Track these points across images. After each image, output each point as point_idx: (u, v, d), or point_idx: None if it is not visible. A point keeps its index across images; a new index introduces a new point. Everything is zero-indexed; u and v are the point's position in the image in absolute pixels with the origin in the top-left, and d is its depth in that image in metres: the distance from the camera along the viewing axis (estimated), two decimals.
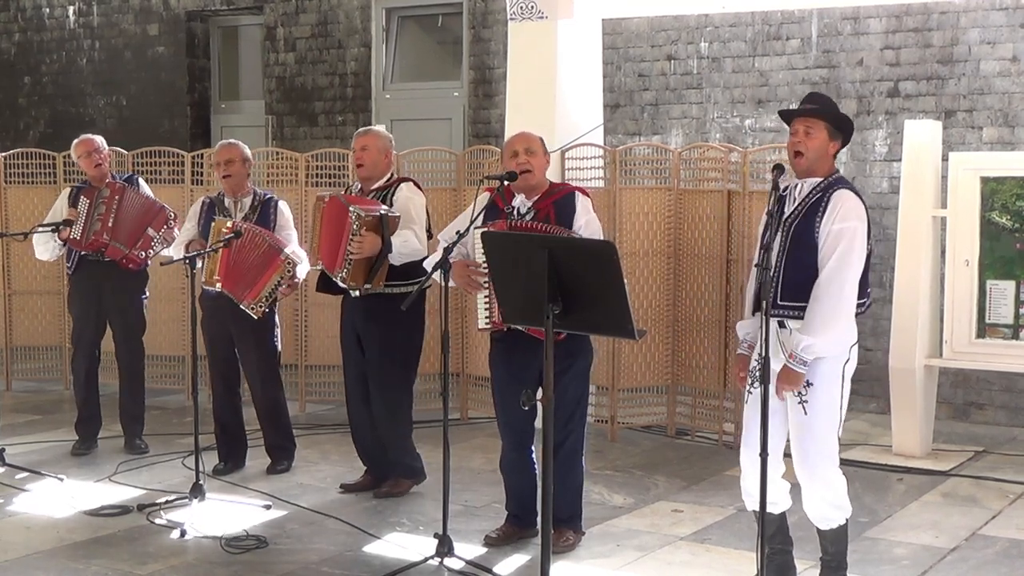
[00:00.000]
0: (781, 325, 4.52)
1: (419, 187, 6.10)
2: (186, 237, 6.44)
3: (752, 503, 4.62)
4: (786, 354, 4.48)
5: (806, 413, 4.50)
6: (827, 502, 4.60)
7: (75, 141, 7.01)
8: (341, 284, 5.85)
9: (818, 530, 4.72)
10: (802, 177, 4.58)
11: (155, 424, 7.51)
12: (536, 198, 5.23)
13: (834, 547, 4.72)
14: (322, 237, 5.88)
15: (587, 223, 5.18)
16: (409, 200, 5.93)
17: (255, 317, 6.23)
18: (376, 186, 6.00)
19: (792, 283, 4.47)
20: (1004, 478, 6.58)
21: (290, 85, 10.92)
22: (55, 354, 9.12)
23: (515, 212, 5.23)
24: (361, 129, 6.18)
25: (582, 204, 5.22)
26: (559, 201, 5.20)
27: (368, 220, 5.70)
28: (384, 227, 5.74)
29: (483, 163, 7.94)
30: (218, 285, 6.17)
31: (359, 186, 6.09)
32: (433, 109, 10.29)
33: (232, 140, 6.58)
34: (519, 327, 4.95)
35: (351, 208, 5.72)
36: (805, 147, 4.52)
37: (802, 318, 4.45)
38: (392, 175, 6.12)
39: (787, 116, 4.66)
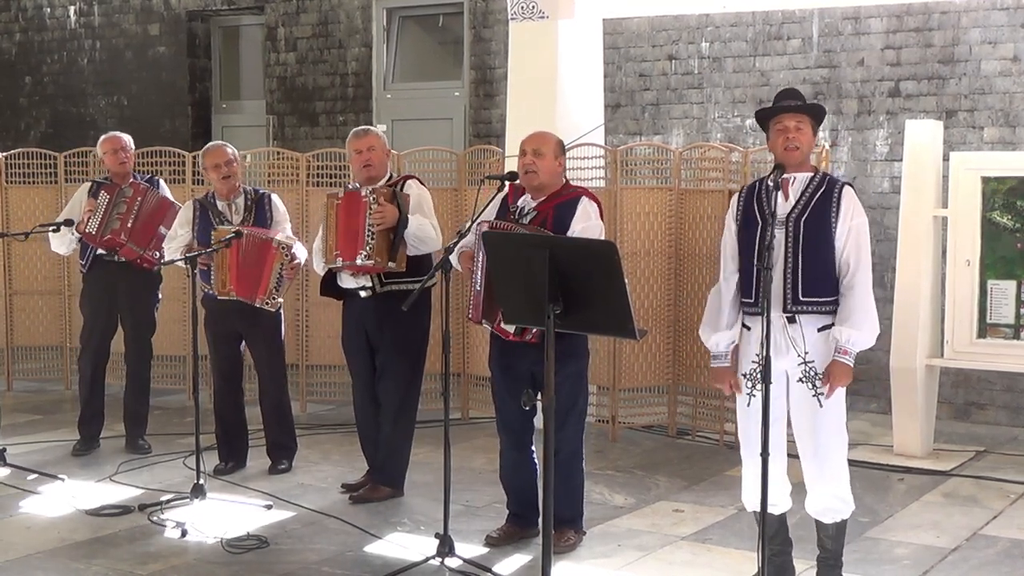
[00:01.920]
0: (791, 321, 4.54)
1: (423, 184, 6.14)
2: (180, 243, 6.39)
3: (753, 505, 4.63)
4: (801, 351, 4.51)
5: (821, 405, 4.52)
6: (836, 496, 4.63)
7: (102, 137, 7.02)
8: (366, 263, 5.73)
9: (819, 525, 4.72)
10: (795, 171, 4.60)
11: (156, 424, 7.51)
12: (541, 200, 5.20)
13: (834, 544, 4.73)
14: (339, 230, 5.82)
15: (583, 230, 5.09)
16: (420, 196, 5.95)
17: (273, 310, 6.24)
18: (379, 185, 5.98)
19: (812, 279, 4.50)
20: (1005, 478, 6.58)
21: (291, 85, 10.92)
22: (56, 354, 9.12)
23: (517, 212, 5.21)
24: (359, 130, 6.11)
25: (583, 209, 5.15)
26: (562, 204, 5.15)
27: (384, 192, 5.77)
28: (399, 200, 5.78)
29: (484, 163, 7.94)
30: (233, 294, 6.17)
31: (357, 186, 6.06)
32: (434, 109, 10.29)
33: (221, 141, 6.61)
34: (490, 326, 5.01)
35: (363, 190, 5.80)
36: (799, 142, 4.57)
37: (819, 312, 4.51)
38: (392, 174, 6.12)
39: (772, 113, 4.65)
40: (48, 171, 8.99)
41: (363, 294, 5.93)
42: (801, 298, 4.51)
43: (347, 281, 5.98)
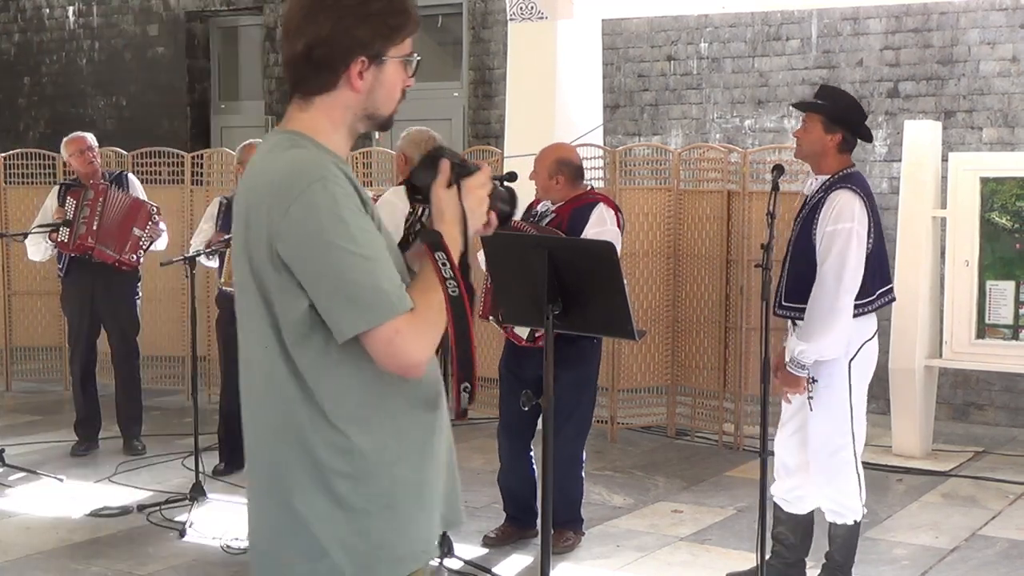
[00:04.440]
0: (793, 324, 4.56)
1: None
2: (203, 238, 6.41)
3: (782, 503, 4.71)
4: (792, 353, 4.50)
5: (811, 410, 4.51)
6: (830, 499, 4.61)
7: (65, 139, 6.96)
8: None
9: (828, 526, 4.71)
10: (816, 173, 4.59)
11: (155, 425, 7.51)
12: (560, 204, 5.25)
13: (840, 552, 4.66)
14: None
15: (596, 235, 5.07)
16: (384, 203, 5.85)
17: None
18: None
19: (795, 284, 4.48)
20: (1004, 478, 6.58)
21: None
22: (55, 354, 9.11)
23: (537, 215, 5.28)
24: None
25: (599, 215, 5.17)
26: (577, 209, 5.20)
27: None
28: None
29: (483, 164, 7.93)
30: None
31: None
32: (433, 110, 10.27)
33: (257, 140, 6.61)
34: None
35: None
36: (800, 140, 4.60)
37: (802, 319, 4.47)
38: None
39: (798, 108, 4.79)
40: (47, 171, 8.99)
41: None
42: (783, 303, 4.52)
43: None
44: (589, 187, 5.37)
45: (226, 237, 6.10)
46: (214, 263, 6.31)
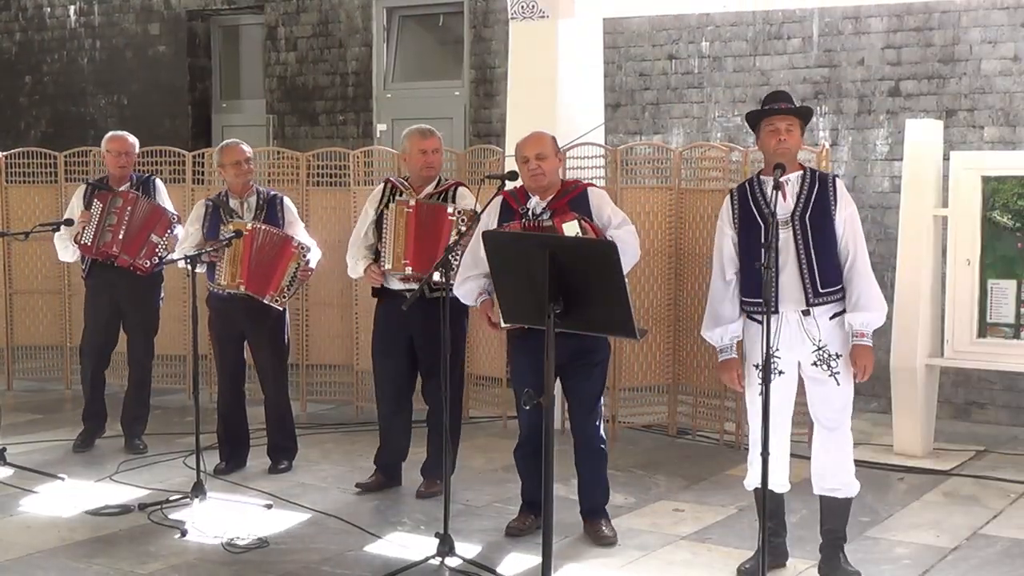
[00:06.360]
0: (805, 314, 4.69)
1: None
2: (193, 242, 6.39)
3: (754, 485, 4.80)
4: (816, 340, 4.69)
5: (839, 384, 4.73)
6: (847, 470, 4.82)
7: (110, 135, 6.96)
8: (442, 280, 5.72)
9: (828, 504, 4.84)
10: (788, 171, 4.75)
11: (156, 424, 7.50)
12: (551, 198, 5.27)
13: (840, 522, 4.86)
14: (412, 239, 5.78)
15: (613, 211, 5.32)
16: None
17: (280, 309, 6.26)
18: (429, 190, 5.98)
19: (825, 271, 4.68)
20: (1005, 477, 6.58)
21: (291, 84, 10.92)
22: (56, 354, 9.12)
23: (530, 213, 5.26)
24: (424, 128, 6.12)
25: (602, 199, 5.34)
26: (574, 200, 5.26)
27: (470, 213, 5.70)
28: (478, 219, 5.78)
29: (484, 162, 7.94)
30: (242, 288, 6.17)
31: (404, 181, 6.06)
32: (434, 108, 10.28)
33: (236, 139, 6.58)
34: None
35: (450, 208, 5.78)
36: (790, 143, 4.74)
37: (831, 303, 4.70)
38: (440, 177, 6.10)
39: (763, 115, 4.79)
40: (48, 171, 8.99)
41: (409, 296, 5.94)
42: (820, 290, 4.68)
43: (394, 284, 5.97)
44: None
45: (224, 239, 6.10)
46: (201, 269, 6.29)
